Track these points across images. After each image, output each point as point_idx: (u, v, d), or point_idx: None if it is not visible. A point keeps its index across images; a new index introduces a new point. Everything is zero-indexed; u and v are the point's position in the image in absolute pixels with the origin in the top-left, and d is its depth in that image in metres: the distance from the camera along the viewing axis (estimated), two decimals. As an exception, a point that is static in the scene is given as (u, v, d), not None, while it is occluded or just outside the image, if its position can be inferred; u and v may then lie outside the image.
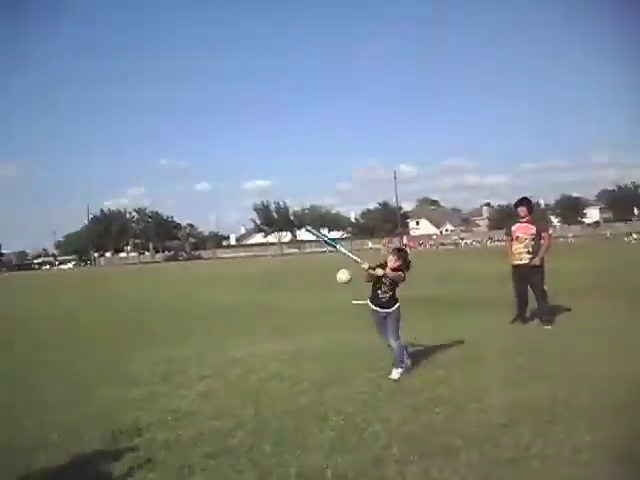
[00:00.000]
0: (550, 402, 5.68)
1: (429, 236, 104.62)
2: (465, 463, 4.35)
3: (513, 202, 11.14)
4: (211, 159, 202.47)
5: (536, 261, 10.34)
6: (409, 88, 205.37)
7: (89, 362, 9.23)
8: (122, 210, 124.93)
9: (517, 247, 10.63)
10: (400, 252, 7.10)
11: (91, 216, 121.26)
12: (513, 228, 10.78)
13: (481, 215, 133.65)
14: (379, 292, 7.06)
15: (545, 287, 10.61)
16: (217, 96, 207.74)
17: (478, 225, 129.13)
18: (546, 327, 10.05)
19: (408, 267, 7.02)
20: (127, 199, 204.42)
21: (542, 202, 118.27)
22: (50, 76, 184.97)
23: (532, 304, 10.67)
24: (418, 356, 8.06)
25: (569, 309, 11.65)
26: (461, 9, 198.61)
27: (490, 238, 79.08)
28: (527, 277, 10.54)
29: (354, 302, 14.96)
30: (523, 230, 10.57)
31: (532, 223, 10.57)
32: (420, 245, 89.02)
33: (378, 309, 7.10)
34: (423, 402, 5.93)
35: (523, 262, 10.52)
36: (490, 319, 10.88)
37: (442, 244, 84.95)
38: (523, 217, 10.63)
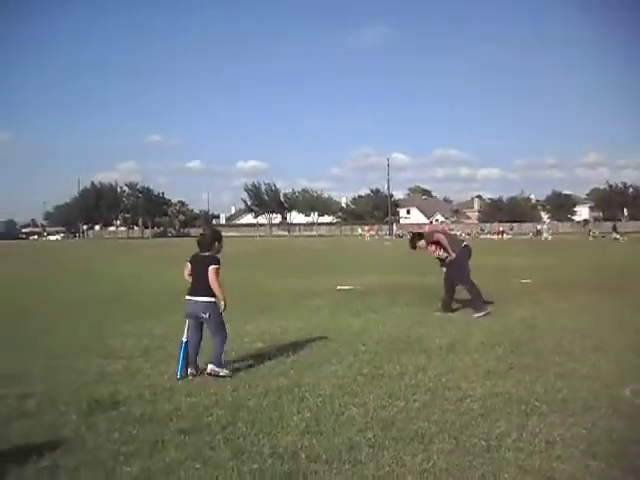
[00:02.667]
0: (527, 394, 5.70)
1: (419, 225, 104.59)
2: (439, 450, 4.36)
3: (505, 195, 11.52)
4: (204, 138, 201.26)
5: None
6: (406, 77, 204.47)
7: (71, 333, 9.23)
8: (113, 184, 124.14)
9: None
10: None
11: (82, 188, 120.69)
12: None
13: (472, 207, 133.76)
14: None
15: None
16: (214, 74, 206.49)
17: (468, 217, 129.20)
18: (473, 316, 10.43)
19: None
20: (118, 173, 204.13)
21: (533, 197, 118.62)
22: (46, 46, 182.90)
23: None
24: (399, 343, 8.09)
25: (554, 306, 11.68)
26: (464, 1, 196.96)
27: (481, 230, 79.10)
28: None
29: (339, 287, 15.02)
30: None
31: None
32: (410, 234, 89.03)
33: None
34: (401, 388, 5.95)
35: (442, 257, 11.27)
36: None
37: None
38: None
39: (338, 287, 15.11)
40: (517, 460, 4.19)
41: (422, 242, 11.26)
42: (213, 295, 6.63)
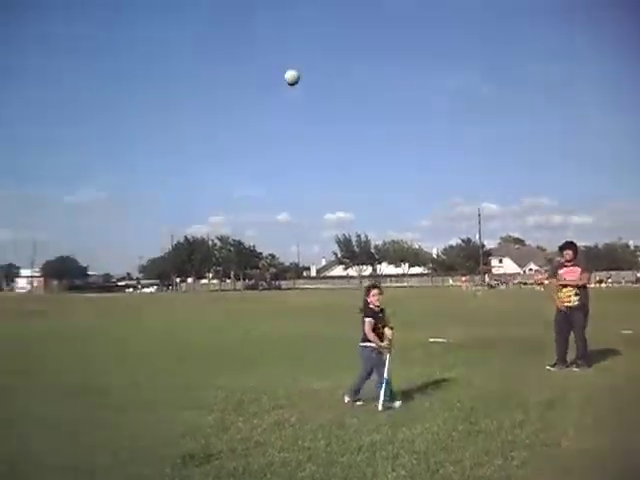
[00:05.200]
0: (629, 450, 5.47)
1: (512, 275, 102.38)
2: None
3: (600, 242, 11.09)
4: (291, 190, 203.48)
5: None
6: (490, 126, 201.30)
7: (164, 385, 9.41)
8: (205, 237, 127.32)
9: (565, 291, 10.68)
10: None
11: (175, 242, 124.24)
12: (560, 272, 10.87)
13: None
14: None
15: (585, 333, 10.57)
16: (297, 127, 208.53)
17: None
18: (574, 369, 10.10)
19: None
20: (208, 227, 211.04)
21: (632, 243, 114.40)
22: (140, 104, 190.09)
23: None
24: (494, 398, 7.90)
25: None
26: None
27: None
28: (571, 319, 10.61)
29: (431, 340, 14.83)
30: (570, 274, 10.64)
31: (578, 266, 10.71)
32: (502, 284, 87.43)
33: None
34: (498, 445, 5.78)
35: (572, 304, 10.56)
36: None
37: (525, 283, 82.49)
38: (569, 260, 10.72)
39: (430, 339, 14.90)
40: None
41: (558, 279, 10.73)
42: (363, 341, 8.18)
